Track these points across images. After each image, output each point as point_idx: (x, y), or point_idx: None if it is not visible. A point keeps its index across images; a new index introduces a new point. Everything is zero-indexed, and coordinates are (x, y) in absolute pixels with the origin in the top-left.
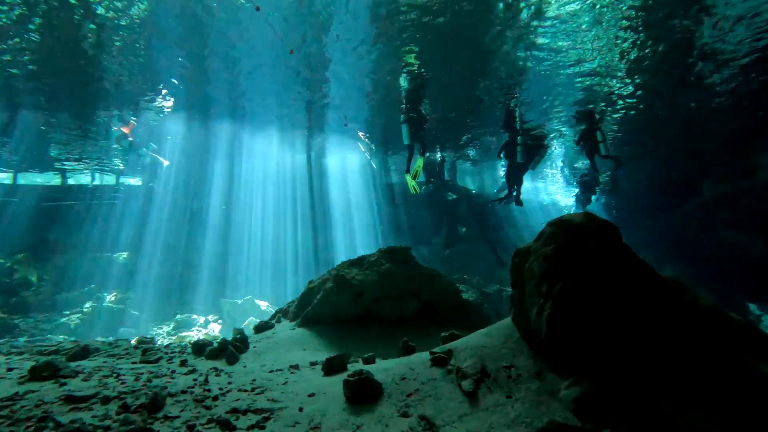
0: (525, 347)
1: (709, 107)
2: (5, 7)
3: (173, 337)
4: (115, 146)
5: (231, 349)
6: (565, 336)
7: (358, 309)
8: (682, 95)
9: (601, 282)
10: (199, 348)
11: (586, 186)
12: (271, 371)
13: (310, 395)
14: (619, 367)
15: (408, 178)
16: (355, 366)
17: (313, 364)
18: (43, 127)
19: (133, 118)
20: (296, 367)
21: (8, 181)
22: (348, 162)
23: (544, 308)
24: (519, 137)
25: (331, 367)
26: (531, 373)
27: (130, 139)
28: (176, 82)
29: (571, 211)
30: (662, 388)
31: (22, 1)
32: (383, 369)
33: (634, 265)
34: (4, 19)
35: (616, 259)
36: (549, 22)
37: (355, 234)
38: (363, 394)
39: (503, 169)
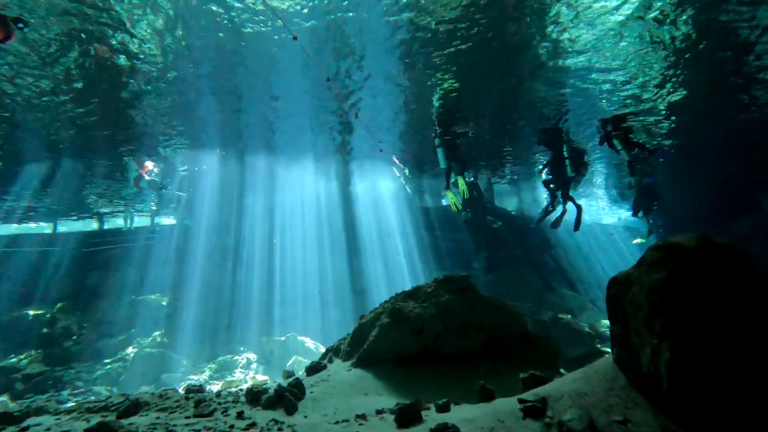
0: (639, 397)
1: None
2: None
3: (219, 382)
4: (134, 188)
5: (289, 397)
6: (694, 386)
7: (417, 346)
8: (732, 105)
9: (731, 318)
10: (254, 396)
11: (646, 191)
12: (337, 422)
13: None
14: None
15: (449, 194)
16: (428, 414)
17: (379, 412)
18: (81, 174)
19: (148, 161)
20: (363, 417)
21: (48, 231)
22: (382, 188)
23: (661, 350)
24: (566, 151)
25: (404, 418)
26: (654, 430)
27: (148, 178)
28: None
29: (624, 226)
30: None
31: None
32: (466, 420)
33: None
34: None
35: (747, 290)
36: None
37: (393, 261)
38: None
39: (545, 191)
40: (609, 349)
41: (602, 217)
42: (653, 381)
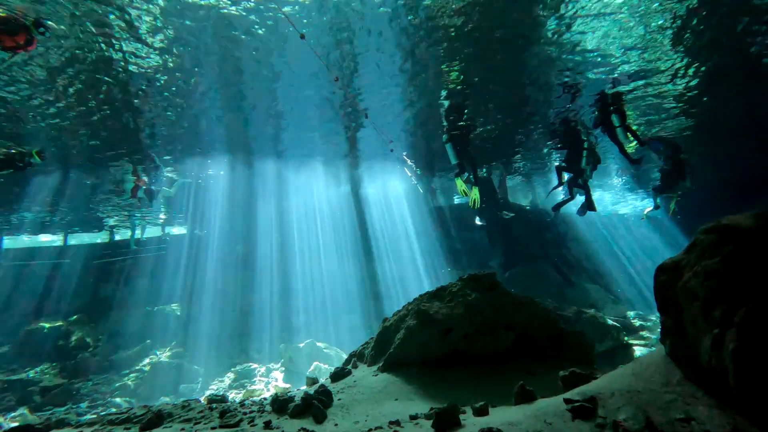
0: (699, 392)
1: None
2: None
3: (239, 391)
4: (130, 199)
5: (317, 404)
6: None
7: (445, 348)
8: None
9: None
10: (281, 405)
11: (670, 174)
12: (370, 430)
13: None
14: None
15: (458, 182)
16: (465, 418)
17: (413, 418)
18: (87, 185)
19: (144, 177)
20: (397, 423)
21: (59, 243)
22: (394, 189)
23: (725, 339)
24: (586, 142)
25: (442, 423)
26: (723, 427)
27: (144, 187)
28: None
29: (642, 214)
30: None
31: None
32: (509, 423)
33: None
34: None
35: None
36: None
37: (408, 263)
38: None
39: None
40: (637, 342)
41: (618, 208)
42: (716, 374)
